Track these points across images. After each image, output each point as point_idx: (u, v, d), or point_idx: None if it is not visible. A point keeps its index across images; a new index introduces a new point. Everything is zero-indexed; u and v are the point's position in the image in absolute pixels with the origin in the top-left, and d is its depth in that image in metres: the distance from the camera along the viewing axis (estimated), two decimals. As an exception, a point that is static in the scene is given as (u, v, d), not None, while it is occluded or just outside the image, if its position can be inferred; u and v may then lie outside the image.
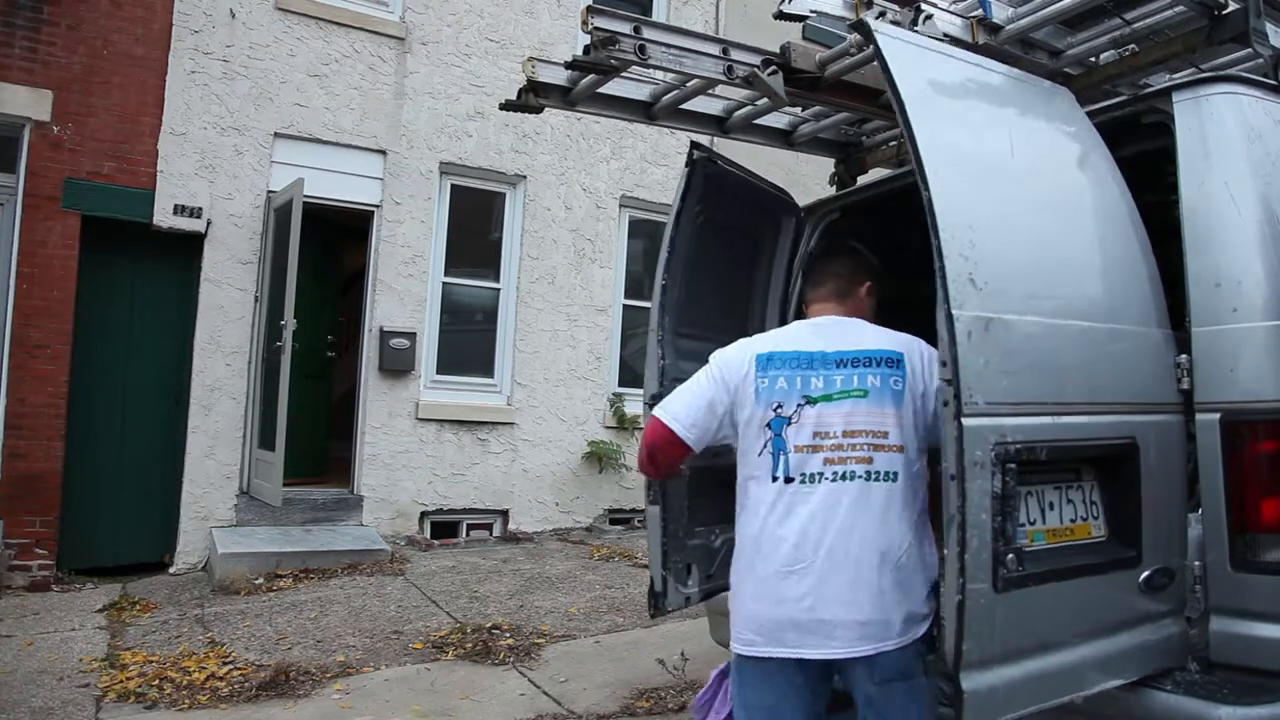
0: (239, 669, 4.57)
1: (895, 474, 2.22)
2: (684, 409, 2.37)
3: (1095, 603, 2.35)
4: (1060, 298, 2.40)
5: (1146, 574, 2.40)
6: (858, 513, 2.19)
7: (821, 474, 2.21)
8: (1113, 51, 3.36)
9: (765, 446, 2.26)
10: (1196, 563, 2.45)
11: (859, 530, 2.18)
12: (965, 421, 2.09)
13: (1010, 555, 2.17)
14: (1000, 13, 3.16)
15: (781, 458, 2.24)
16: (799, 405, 2.25)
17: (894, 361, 2.30)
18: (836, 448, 2.22)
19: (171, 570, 6.92)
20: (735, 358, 2.38)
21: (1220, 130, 2.60)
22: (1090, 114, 3.00)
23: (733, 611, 2.32)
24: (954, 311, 2.10)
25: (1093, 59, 3.43)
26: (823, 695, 2.28)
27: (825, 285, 2.53)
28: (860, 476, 2.20)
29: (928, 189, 2.15)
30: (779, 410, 2.26)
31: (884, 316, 2.61)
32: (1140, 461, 2.43)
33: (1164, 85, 2.83)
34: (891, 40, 2.41)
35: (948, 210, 2.16)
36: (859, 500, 2.19)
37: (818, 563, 2.17)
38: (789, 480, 2.22)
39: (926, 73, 2.48)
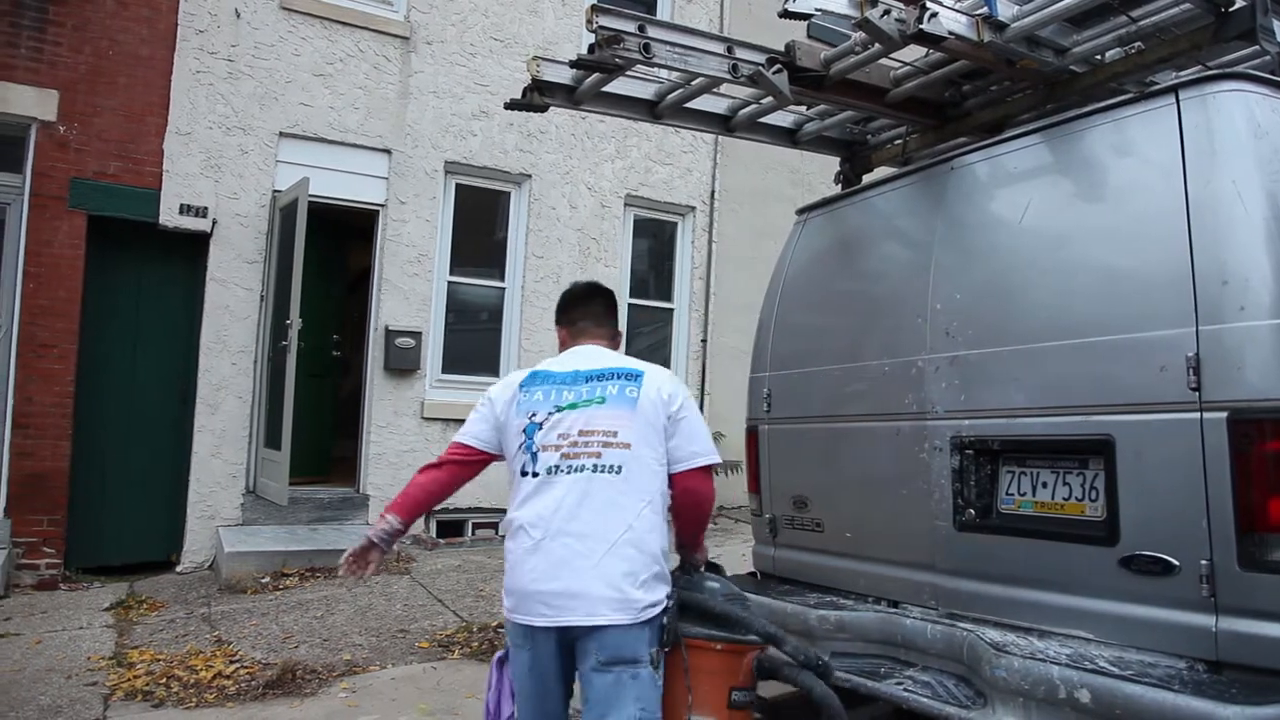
0: (246, 668, 4.58)
1: (621, 465, 2.52)
2: (472, 429, 2.75)
3: (1072, 565, 2.81)
4: (1019, 329, 3.02)
5: (1124, 556, 2.64)
6: (583, 500, 2.49)
7: (559, 467, 2.54)
8: (1119, 49, 3.34)
9: (520, 446, 2.63)
10: (1204, 560, 2.45)
11: (583, 515, 2.48)
12: (926, 423, 3.27)
13: (970, 509, 3.13)
14: (1005, 10, 3.15)
15: (530, 456, 2.60)
16: (549, 413, 2.62)
17: (633, 376, 2.66)
18: (572, 445, 2.56)
19: (178, 569, 6.94)
20: (505, 384, 2.80)
21: (1227, 127, 2.60)
22: (1095, 112, 3.01)
23: (505, 588, 2.61)
24: (926, 356, 3.30)
25: (1098, 57, 3.42)
26: (568, 662, 2.54)
27: (596, 322, 2.94)
28: (588, 469, 2.52)
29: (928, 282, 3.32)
30: (533, 417, 2.63)
31: None
32: (1118, 455, 2.68)
33: (1170, 83, 2.83)
34: None
35: (936, 289, 3.30)
36: (586, 489, 2.50)
37: (546, 542, 2.48)
38: (535, 475, 2.57)
39: None
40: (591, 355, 2.80)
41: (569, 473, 2.53)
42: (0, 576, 5.98)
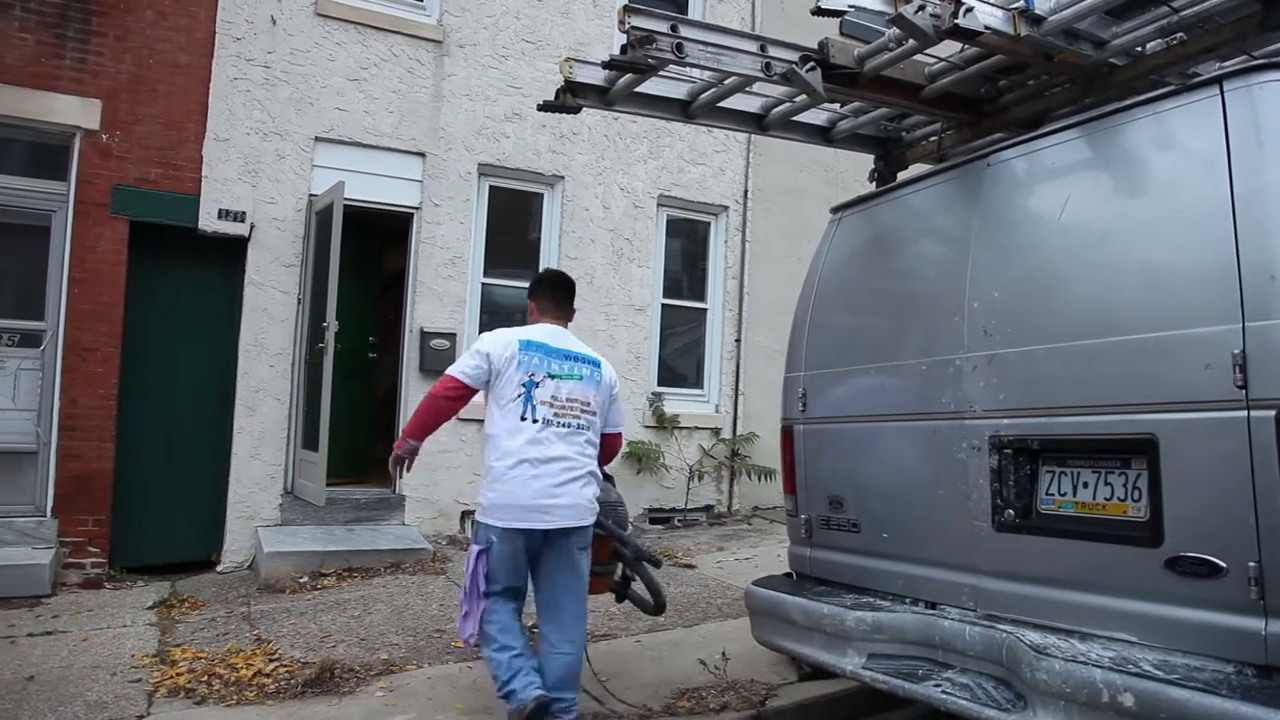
0: (285, 666, 4.63)
1: (590, 426, 3.80)
2: (466, 370, 3.76)
3: (1115, 566, 2.77)
4: (1057, 326, 2.97)
5: (1169, 557, 2.59)
6: (571, 446, 3.69)
7: (551, 421, 3.69)
8: (1160, 41, 3.29)
9: (519, 396, 3.68)
10: (1252, 562, 2.40)
11: (570, 456, 3.67)
12: (964, 422, 3.25)
13: (1009, 510, 3.09)
14: (1042, 4, 3.11)
15: (530, 406, 3.68)
16: (545, 377, 3.73)
17: (596, 364, 3.91)
18: (562, 407, 3.73)
19: (219, 569, 7.04)
20: (505, 341, 3.78)
21: (1274, 118, 2.55)
22: (1136, 105, 2.96)
23: (488, 503, 3.64)
24: (964, 355, 3.27)
25: (1139, 49, 3.36)
26: (532, 551, 3.69)
27: (561, 307, 4.06)
28: (573, 426, 3.74)
29: (965, 280, 3.33)
30: (531, 375, 3.71)
31: None
32: (1161, 455, 2.64)
33: (1214, 74, 2.77)
34: None
35: (973, 287, 3.27)
36: (572, 439, 3.71)
37: (547, 469, 3.61)
38: (535, 421, 3.66)
39: None
40: (564, 337, 3.93)
41: (559, 426, 3.70)
42: (48, 575, 6.11)
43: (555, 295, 4.07)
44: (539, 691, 3.53)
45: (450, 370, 3.78)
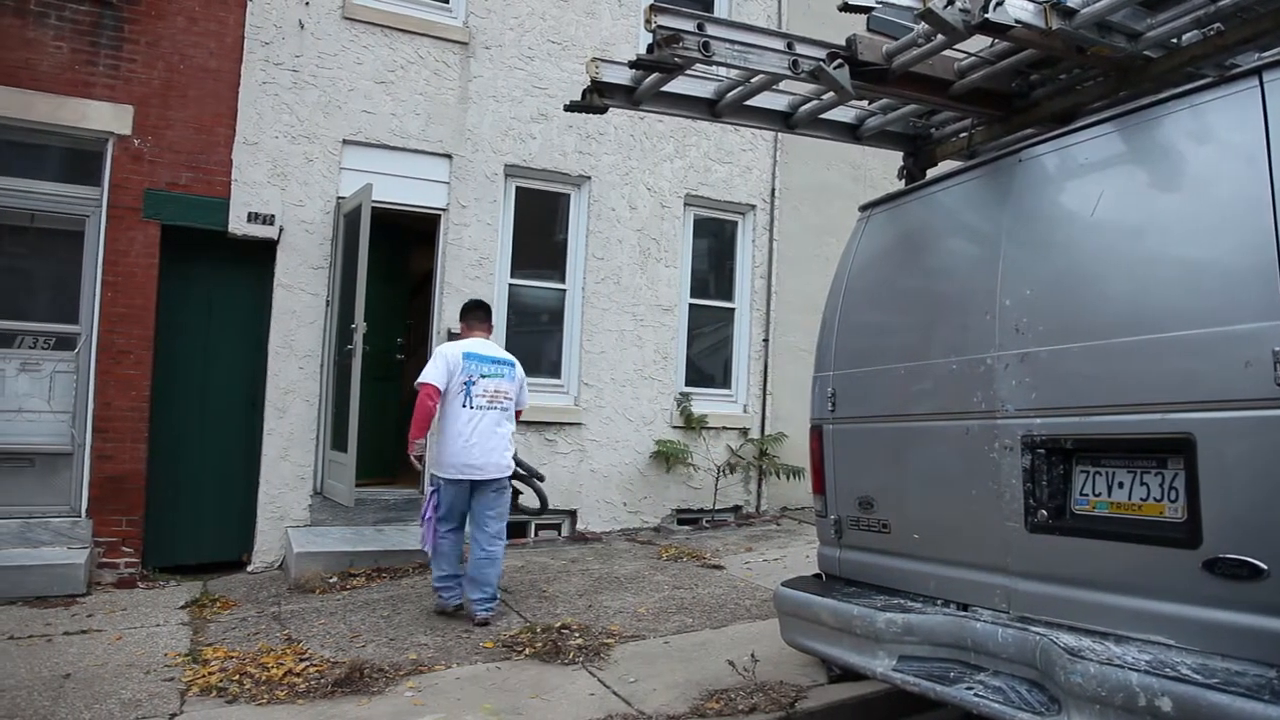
0: (315, 666, 4.66)
1: (508, 408, 5.55)
2: (437, 377, 5.41)
3: (1151, 568, 2.71)
4: (1092, 324, 2.92)
5: (1208, 559, 2.54)
6: (496, 422, 5.46)
7: (484, 406, 5.43)
8: (1196, 32, 3.22)
9: (461, 391, 5.41)
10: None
11: (493, 429, 5.43)
12: (996, 422, 3.21)
13: (1042, 510, 3.04)
14: (1075, -5, 3.06)
15: (469, 398, 5.41)
16: (479, 378, 5.45)
17: (511, 364, 5.66)
18: (491, 397, 5.47)
19: (249, 569, 7.11)
20: (454, 354, 5.47)
21: (1316, 110, 2.48)
22: (1171, 98, 2.90)
23: (441, 462, 5.42)
24: (995, 353, 3.23)
25: (1174, 41, 3.30)
26: (464, 495, 5.48)
27: (484, 323, 5.86)
28: (498, 409, 5.48)
29: (996, 278, 3.28)
30: (470, 377, 5.43)
31: None
32: (1199, 455, 2.60)
33: (1253, 65, 2.71)
34: None
35: (1005, 285, 3.23)
36: (497, 417, 5.47)
37: (479, 440, 5.36)
38: (473, 408, 5.40)
39: None
40: (490, 347, 5.69)
41: (488, 410, 5.43)
42: (83, 574, 6.19)
43: (480, 316, 5.83)
44: (458, 601, 5.54)
45: (425, 379, 5.39)
